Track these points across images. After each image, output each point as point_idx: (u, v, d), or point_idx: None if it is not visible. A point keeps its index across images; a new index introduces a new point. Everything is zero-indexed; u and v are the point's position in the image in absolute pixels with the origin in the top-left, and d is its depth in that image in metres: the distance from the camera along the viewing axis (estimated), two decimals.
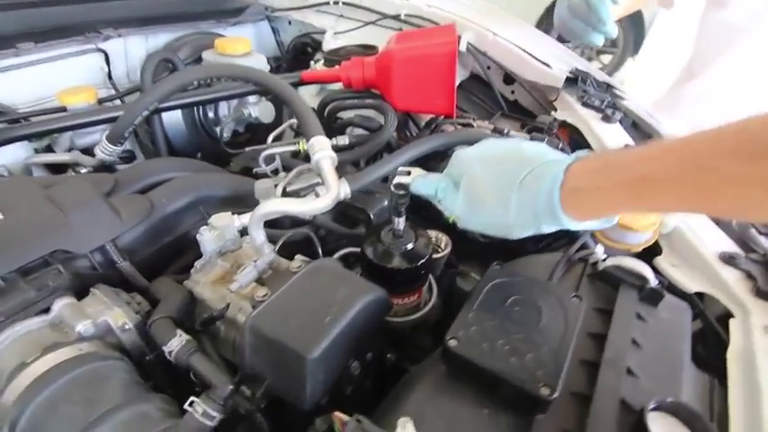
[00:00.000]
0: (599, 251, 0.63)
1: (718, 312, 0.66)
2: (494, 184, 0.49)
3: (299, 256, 0.65)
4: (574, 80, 1.10)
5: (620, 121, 0.99)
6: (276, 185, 0.72)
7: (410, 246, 0.69)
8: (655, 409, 0.45)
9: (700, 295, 0.69)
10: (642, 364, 0.51)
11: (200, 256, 0.66)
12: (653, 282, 0.59)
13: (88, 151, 1.00)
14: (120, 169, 0.91)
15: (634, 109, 1.02)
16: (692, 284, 0.69)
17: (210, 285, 0.64)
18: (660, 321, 0.58)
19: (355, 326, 0.51)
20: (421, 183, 0.57)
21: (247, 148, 1.13)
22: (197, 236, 0.64)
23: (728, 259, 0.69)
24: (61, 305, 0.54)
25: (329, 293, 0.53)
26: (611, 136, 0.94)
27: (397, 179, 0.61)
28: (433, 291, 0.80)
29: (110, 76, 1.14)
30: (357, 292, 0.53)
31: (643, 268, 0.59)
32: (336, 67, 0.98)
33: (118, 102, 1.10)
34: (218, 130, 1.26)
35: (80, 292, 0.59)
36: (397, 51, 0.88)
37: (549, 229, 0.48)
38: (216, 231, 0.65)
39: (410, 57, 0.87)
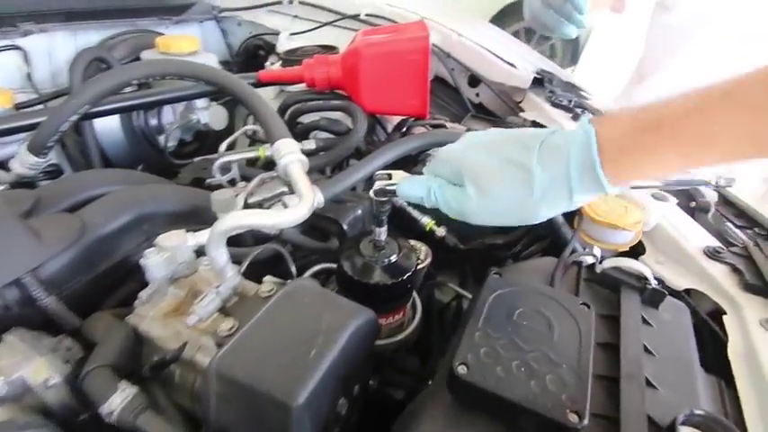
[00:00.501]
0: (597, 253, 0.59)
1: (708, 308, 0.65)
2: (506, 165, 0.44)
3: (268, 278, 0.56)
4: (539, 81, 1.09)
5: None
6: (236, 196, 0.62)
7: (393, 258, 0.62)
8: (683, 423, 0.41)
9: (687, 292, 0.67)
10: (657, 373, 0.47)
11: (145, 284, 0.55)
12: (653, 282, 0.56)
13: (3, 165, 0.85)
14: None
15: (600, 108, 1.02)
16: (679, 281, 0.68)
17: (161, 320, 0.53)
18: (664, 324, 0.55)
19: (345, 358, 0.44)
20: (409, 186, 0.50)
21: (196, 159, 1.02)
22: (141, 261, 0.53)
23: (713, 253, 0.68)
24: None
25: (311, 322, 0.45)
26: None
27: (378, 184, 0.54)
28: (417, 307, 0.73)
29: (29, 78, 0.98)
30: (344, 318, 0.46)
31: (642, 268, 0.56)
32: (298, 66, 0.90)
33: (40, 107, 0.95)
34: (161, 138, 1.13)
35: None
36: (364, 48, 0.81)
37: (582, 200, 0.43)
38: (165, 253, 0.54)
39: (379, 53, 0.81)
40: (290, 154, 0.61)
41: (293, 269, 0.59)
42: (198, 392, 0.49)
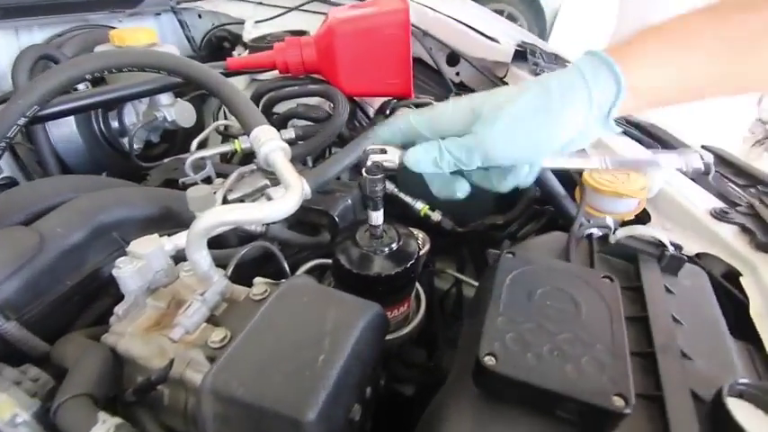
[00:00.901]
0: (610, 222, 0.56)
1: (722, 271, 0.63)
2: (518, 88, 0.42)
3: (259, 280, 0.51)
4: (521, 53, 1.05)
5: None
6: (214, 193, 0.56)
7: (394, 245, 0.57)
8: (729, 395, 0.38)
9: (698, 256, 0.65)
10: (689, 344, 0.44)
11: (119, 299, 0.49)
12: (670, 248, 0.53)
13: None
14: None
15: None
16: (690, 246, 0.65)
17: (141, 336, 0.47)
18: (686, 291, 0.52)
19: (356, 360, 0.39)
20: (422, 151, 0.44)
21: (166, 160, 0.94)
22: (114, 272, 0.47)
23: (721, 215, 0.66)
24: None
25: (315, 323, 0.40)
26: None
27: (373, 159, 0.46)
28: (421, 297, 0.69)
29: None
30: (351, 315, 0.41)
31: (659, 234, 0.53)
32: (269, 51, 0.83)
33: None
34: (125, 141, 1.05)
35: None
36: (339, 25, 0.75)
37: (602, 99, 0.40)
38: (139, 262, 0.48)
39: (356, 30, 0.75)
40: (270, 141, 0.55)
41: (286, 267, 0.54)
42: (192, 414, 0.44)
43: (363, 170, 0.48)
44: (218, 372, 0.35)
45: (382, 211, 0.54)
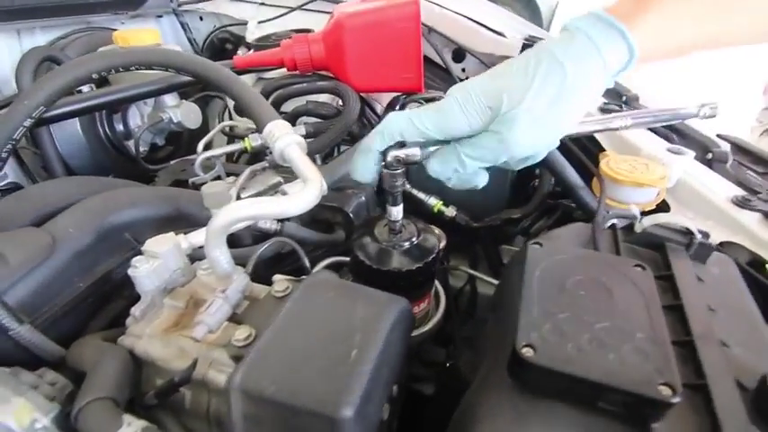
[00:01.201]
0: (635, 211, 0.55)
1: (746, 259, 0.61)
2: (524, 63, 0.40)
3: (279, 277, 0.49)
4: (529, 47, 1.04)
5: None
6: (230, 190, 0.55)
7: (414, 240, 0.56)
8: None
9: (721, 245, 0.64)
10: (726, 332, 0.43)
11: (135, 300, 0.48)
12: (698, 236, 0.52)
13: None
14: None
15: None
16: (713, 235, 0.64)
17: (160, 337, 0.45)
18: (716, 279, 0.51)
19: (387, 356, 0.37)
20: (441, 161, 0.43)
21: (172, 162, 0.93)
22: (129, 271, 0.46)
23: (742, 202, 0.65)
24: None
25: (343, 318, 0.38)
26: None
27: (393, 154, 0.45)
28: (441, 295, 0.67)
29: None
30: (380, 309, 0.39)
31: (686, 221, 0.52)
32: (275, 48, 0.82)
33: None
34: (130, 144, 1.03)
35: None
36: (348, 19, 0.74)
37: (613, 60, 0.39)
38: (156, 261, 0.47)
39: (365, 24, 0.74)
40: (285, 136, 0.54)
41: (307, 262, 0.52)
42: (215, 416, 0.42)
43: (383, 165, 0.47)
44: (248, 370, 0.34)
45: (402, 206, 0.53)
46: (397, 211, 0.53)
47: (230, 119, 1.14)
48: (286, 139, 0.54)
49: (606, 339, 0.37)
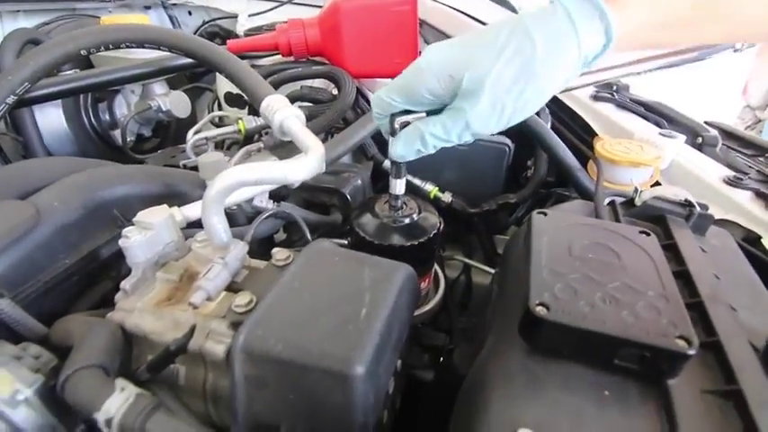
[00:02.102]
0: (635, 183, 0.55)
1: (741, 236, 0.62)
2: (496, 37, 0.37)
3: (278, 249, 0.47)
4: None
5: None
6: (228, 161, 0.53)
7: (415, 216, 0.55)
8: None
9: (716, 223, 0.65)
10: (731, 297, 0.43)
11: (123, 280, 0.45)
12: (697, 207, 0.52)
13: None
14: None
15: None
16: None
17: (152, 311, 0.43)
18: (716, 249, 0.51)
19: (395, 320, 0.36)
20: (403, 141, 0.42)
21: (160, 151, 0.91)
22: (121, 242, 0.44)
23: (734, 181, 0.66)
24: None
25: (351, 280, 0.37)
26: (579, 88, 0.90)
27: (400, 120, 0.43)
28: (440, 277, 0.66)
29: None
30: (389, 272, 0.38)
31: (685, 193, 0.52)
32: (270, 33, 0.81)
33: None
34: (117, 134, 1.00)
35: None
36: (345, 3, 0.74)
37: (591, 45, 0.36)
38: (148, 232, 0.45)
39: (362, 7, 0.74)
40: (283, 108, 0.53)
41: (308, 235, 0.51)
42: (212, 391, 0.40)
43: (389, 133, 0.46)
44: (252, 328, 0.32)
45: (405, 179, 0.52)
46: (400, 184, 0.52)
47: (220, 110, 1.12)
48: (285, 112, 0.53)
49: (619, 297, 0.36)
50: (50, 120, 0.92)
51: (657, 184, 0.72)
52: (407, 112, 0.44)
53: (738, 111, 1.75)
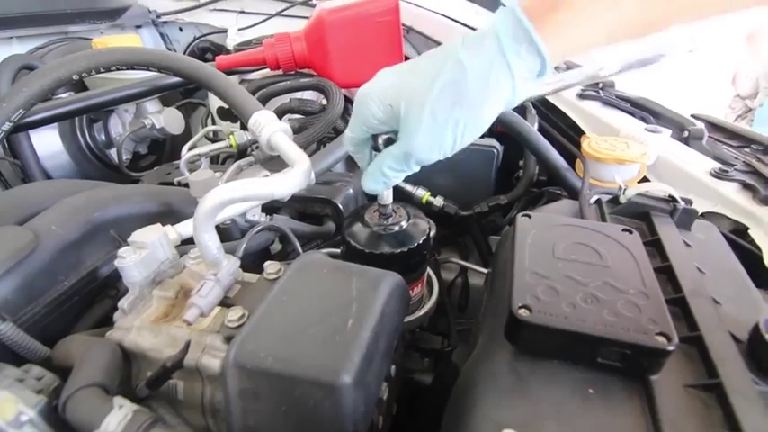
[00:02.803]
0: (619, 181, 0.56)
1: (728, 228, 0.63)
2: (430, 68, 0.37)
3: (270, 262, 0.49)
4: None
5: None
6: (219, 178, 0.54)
7: (404, 224, 0.56)
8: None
9: (703, 216, 0.65)
10: (716, 290, 0.44)
11: (120, 298, 0.46)
12: (681, 203, 0.53)
13: None
14: None
15: (577, 62, 1.01)
16: (695, 207, 0.66)
17: (150, 328, 0.44)
18: (701, 243, 0.52)
19: (383, 328, 0.37)
20: (371, 178, 0.44)
21: (155, 168, 0.92)
22: (116, 262, 0.45)
23: (720, 174, 0.66)
24: None
25: (339, 291, 0.38)
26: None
27: (382, 137, 0.46)
28: (433, 282, 0.67)
29: None
30: (375, 281, 0.39)
31: (668, 189, 0.53)
32: (257, 48, 0.83)
33: None
34: (113, 153, 1.02)
35: None
36: (329, 15, 0.75)
37: (524, 77, 0.36)
38: (143, 251, 0.46)
39: (346, 19, 0.75)
40: (270, 123, 0.54)
41: (299, 247, 0.52)
42: (209, 405, 0.41)
43: (380, 143, 0.47)
44: (243, 344, 0.33)
45: (392, 190, 0.53)
46: (387, 194, 0.53)
47: (213, 125, 1.14)
48: (272, 127, 0.54)
49: (600, 296, 0.37)
50: (47, 142, 0.94)
51: (645, 179, 0.72)
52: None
53: (729, 100, 1.75)
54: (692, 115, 0.83)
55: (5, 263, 0.46)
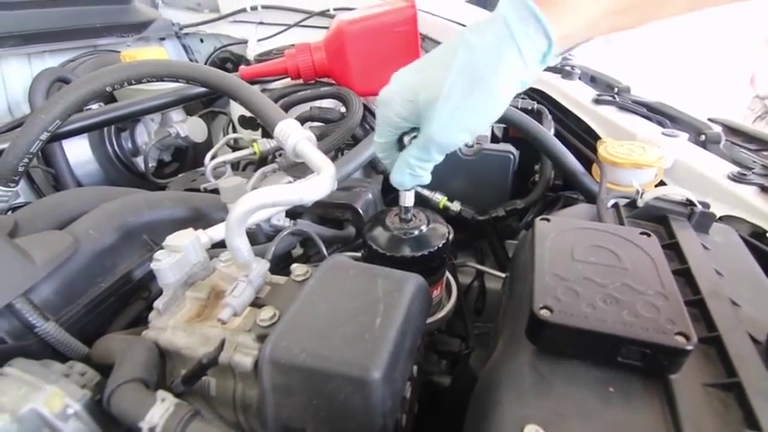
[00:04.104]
0: (636, 185, 0.57)
1: (747, 231, 0.63)
2: (443, 58, 0.40)
3: (297, 265, 0.51)
4: None
5: (580, 78, 0.98)
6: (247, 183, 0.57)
7: (423, 228, 0.57)
8: None
9: (721, 220, 0.66)
10: (734, 293, 0.44)
11: (155, 299, 0.49)
12: (699, 206, 0.54)
13: None
14: None
15: (588, 65, 1.02)
16: (713, 210, 0.66)
17: (184, 327, 0.46)
18: (719, 246, 0.52)
19: (408, 327, 0.39)
20: (398, 170, 0.46)
21: (180, 175, 0.95)
22: (152, 264, 0.47)
23: (739, 177, 0.67)
24: None
25: (365, 291, 0.40)
26: (576, 90, 0.92)
27: (407, 137, 0.48)
28: (452, 285, 0.68)
29: None
30: (400, 283, 0.41)
31: (686, 192, 0.54)
32: (279, 59, 0.85)
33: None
34: (139, 161, 1.06)
35: None
36: (348, 26, 0.78)
37: (533, 58, 0.38)
38: (177, 254, 0.48)
39: (365, 29, 0.77)
40: (296, 132, 0.56)
41: (324, 250, 0.54)
42: (241, 401, 0.43)
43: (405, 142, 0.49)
44: (278, 340, 0.35)
45: (414, 192, 0.55)
46: (409, 195, 0.54)
47: (234, 132, 1.17)
48: (297, 135, 0.56)
49: (619, 297, 0.38)
50: (77, 150, 0.98)
51: (663, 183, 0.73)
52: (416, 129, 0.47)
53: (748, 102, 1.73)
54: (708, 119, 0.83)
55: (48, 265, 0.49)
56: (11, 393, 0.37)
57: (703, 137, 0.77)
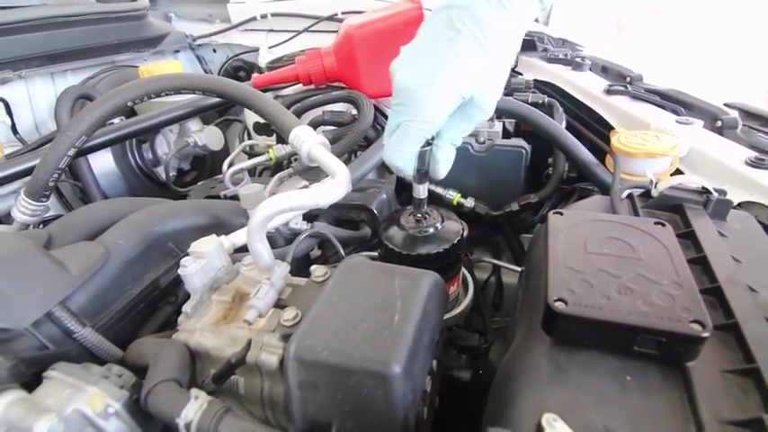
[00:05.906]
0: (650, 175, 0.57)
1: (766, 217, 0.62)
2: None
3: (316, 266, 0.52)
4: (530, 42, 1.08)
5: (591, 69, 0.97)
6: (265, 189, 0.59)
7: (438, 225, 0.58)
8: None
9: (740, 206, 0.65)
10: (752, 279, 0.44)
11: (182, 304, 0.51)
12: (714, 194, 0.53)
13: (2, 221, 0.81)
14: None
15: (598, 55, 1.01)
16: (731, 196, 0.65)
17: (212, 329, 0.48)
18: (737, 233, 0.52)
19: (425, 322, 0.40)
20: (396, 150, 0.44)
21: (199, 183, 0.98)
22: (179, 270, 0.49)
23: (757, 162, 0.66)
24: (5, 405, 0.37)
25: (383, 290, 0.41)
26: (587, 81, 0.92)
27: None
28: (468, 281, 0.69)
29: (14, 131, 0.93)
30: (417, 280, 0.42)
31: (701, 180, 0.54)
32: (290, 65, 0.87)
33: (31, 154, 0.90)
34: (160, 171, 1.09)
35: (31, 382, 0.41)
36: (356, 30, 0.79)
37: None
38: (202, 260, 0.50)
39: (373, 32, 0.79)
40: (310, 137, 0.58)
41: (341, 250, 0.55)
42: (268, 398, 0.45)
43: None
44: (301, 339, 0.36)
45: (427, 184, 0.56)
46: (422, 189, 0.55)
47: (249, 139, 1.20)
48: (312, 140, 0.58)
49: (634, 288, 0.38)
50: (101, 163, 1.02)
51: (679, 172, 0.72)
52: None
53: (767, 86, 1.69)
54: (725, 104, 0.82)
55: (83, 275, 0.51)
56: (56, 395, 0.39)
57: (719, 123, 0.76)
